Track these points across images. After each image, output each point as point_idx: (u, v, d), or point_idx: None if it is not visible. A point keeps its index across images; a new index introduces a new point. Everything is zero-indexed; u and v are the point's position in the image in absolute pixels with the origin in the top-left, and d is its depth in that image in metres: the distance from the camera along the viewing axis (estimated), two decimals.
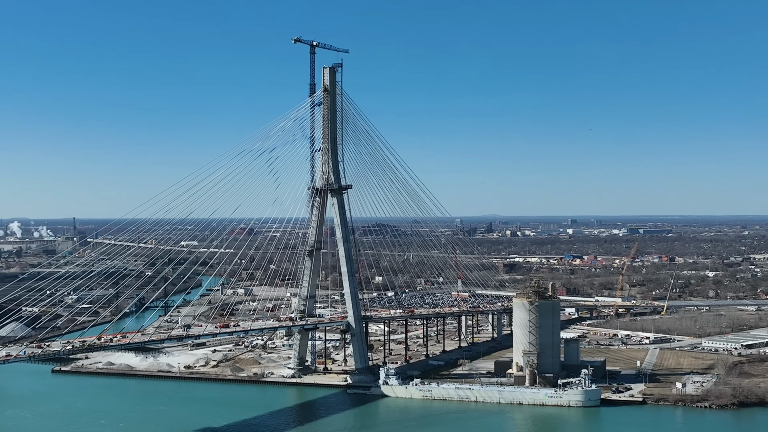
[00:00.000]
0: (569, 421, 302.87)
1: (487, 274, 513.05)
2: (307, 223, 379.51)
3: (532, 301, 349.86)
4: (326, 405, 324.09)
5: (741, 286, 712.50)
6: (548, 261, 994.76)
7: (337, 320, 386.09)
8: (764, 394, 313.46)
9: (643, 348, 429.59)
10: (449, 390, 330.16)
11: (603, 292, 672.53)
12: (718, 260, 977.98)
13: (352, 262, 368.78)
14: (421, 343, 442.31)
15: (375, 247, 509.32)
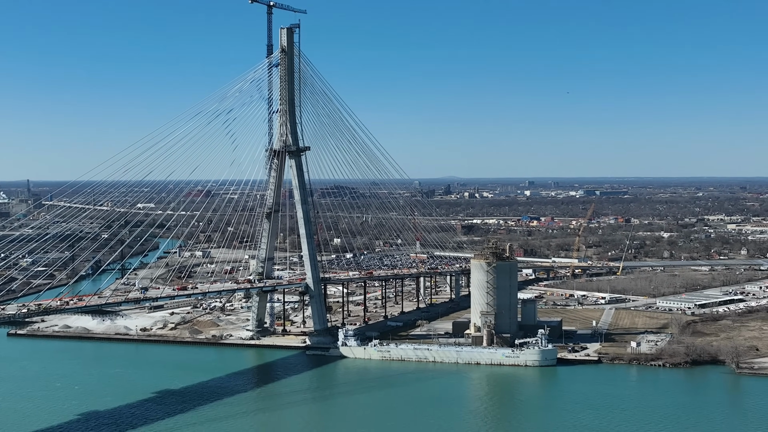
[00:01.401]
0: (526, 380, 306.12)
1: (445, 235, 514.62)
2: (265, 185, 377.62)
3: (489, 263, 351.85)
4: (285, 366, 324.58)
5: (695, 247, 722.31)
6: (506, 222, 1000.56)
7: (295, 282, 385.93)
8: (716, 352, 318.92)
9: (598, 308, 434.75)
10: (408, 351, 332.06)
11: (560, 253, 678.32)
12: (672, 221, 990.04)
13: (310, 224, 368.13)
14: (379, 304, 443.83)
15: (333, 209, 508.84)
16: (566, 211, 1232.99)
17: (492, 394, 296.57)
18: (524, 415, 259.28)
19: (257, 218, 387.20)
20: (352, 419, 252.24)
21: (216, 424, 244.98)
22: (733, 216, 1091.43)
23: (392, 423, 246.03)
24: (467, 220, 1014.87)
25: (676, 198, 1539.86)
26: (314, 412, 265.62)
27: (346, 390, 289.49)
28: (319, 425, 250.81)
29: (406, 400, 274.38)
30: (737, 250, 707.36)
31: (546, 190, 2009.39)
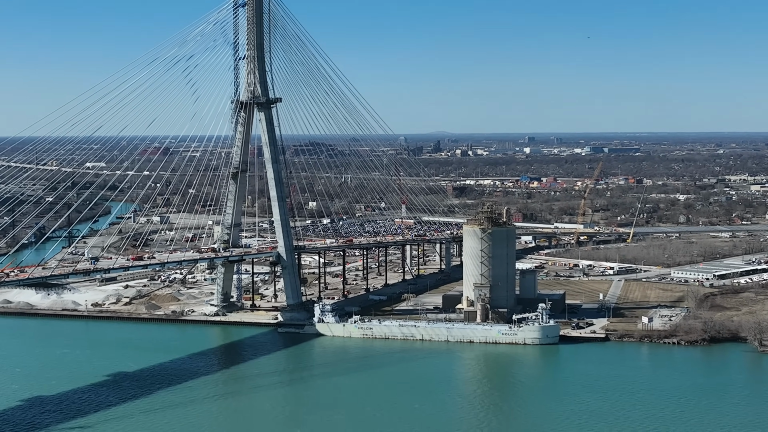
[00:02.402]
0: (525, 360, 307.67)
1: (434, 198, 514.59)
2: (230, 142, 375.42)
3: (484, 229, 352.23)
4: (254, 346, 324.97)
5: (714, 211, 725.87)
6: (503, 184, 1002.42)
7: (265, 251, 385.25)
8: (737, 328, 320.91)
9: (606, 279, 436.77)
10: (392, 328, 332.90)
11: (563, 217, 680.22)
12: (689, 182, 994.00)
13: (282, 186, 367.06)
14: (360, 276, 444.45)
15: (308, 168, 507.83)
16: (570, 170, 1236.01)
17: (486, 375, 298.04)
18: (522, 399, 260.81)
19: (222, 179, 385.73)
20: (329, 404, 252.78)
21: (176, 411, 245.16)
22: (758, 176, 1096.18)
23: (374, 408, 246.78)
24: (459, 181, 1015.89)
25: (694, 156, 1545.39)
26: (287, 396, 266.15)
27: (323, 372, 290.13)
28: (293, 411, 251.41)
29: (389, 382, 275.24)
30: (761, 214, 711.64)
31: (548, 147, 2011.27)
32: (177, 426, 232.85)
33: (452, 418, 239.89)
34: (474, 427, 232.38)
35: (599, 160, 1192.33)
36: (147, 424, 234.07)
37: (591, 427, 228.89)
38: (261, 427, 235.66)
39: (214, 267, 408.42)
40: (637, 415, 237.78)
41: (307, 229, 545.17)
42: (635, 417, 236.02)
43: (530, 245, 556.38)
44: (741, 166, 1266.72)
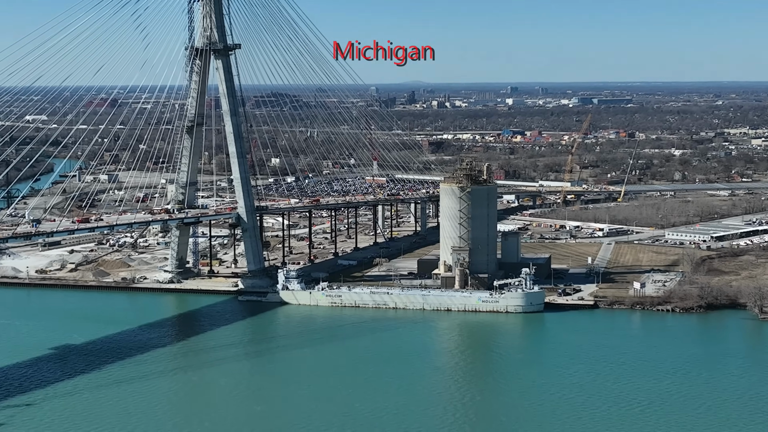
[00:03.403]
0: (507, 329, 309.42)
1: (408, 154, 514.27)
2: (185, 93, 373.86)
3: (463, 187, 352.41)
4: (212, 315, 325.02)
5: (712, 167, 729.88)
6: (483, 138, 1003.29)
7: (224, 212, 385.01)
8: (736, 294, 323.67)
9: (595, 242, 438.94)
10: (363, 295, 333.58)
11: (549, 175, 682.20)
12: (685, 136, 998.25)
13: (241, 141, 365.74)
14: (328, 239, 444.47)
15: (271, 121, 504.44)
16: (557, 123, 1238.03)
17: (465, 346, 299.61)
18: (504, 372, 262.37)
19: (176, 133, 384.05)
20: (293, 379, 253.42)
21: (127, 387, 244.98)
22: (759, 129, 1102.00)
23: (343, 383, 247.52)
24: (436, 136, 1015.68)
25: (690, 107, 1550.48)
26: (248, 370, 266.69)
27: (287, 343, 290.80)
28: (254, 386, 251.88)
29: (360, 355, 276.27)
30: (763, 170, 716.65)
31: (532, 97, 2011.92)
32: (128, 403, 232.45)
33: (428, 392, 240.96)
34: (452, 401, 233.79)
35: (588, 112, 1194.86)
36: (95, 402, 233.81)
37: (577, 400, 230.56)
38: (219, 403, 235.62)
39: (167, 230, 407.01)
40: (627, 387, 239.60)
41: (269, 189, 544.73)
42: (625, 390, 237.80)
43: (513, 205, 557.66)
44: (741, 118, 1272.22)
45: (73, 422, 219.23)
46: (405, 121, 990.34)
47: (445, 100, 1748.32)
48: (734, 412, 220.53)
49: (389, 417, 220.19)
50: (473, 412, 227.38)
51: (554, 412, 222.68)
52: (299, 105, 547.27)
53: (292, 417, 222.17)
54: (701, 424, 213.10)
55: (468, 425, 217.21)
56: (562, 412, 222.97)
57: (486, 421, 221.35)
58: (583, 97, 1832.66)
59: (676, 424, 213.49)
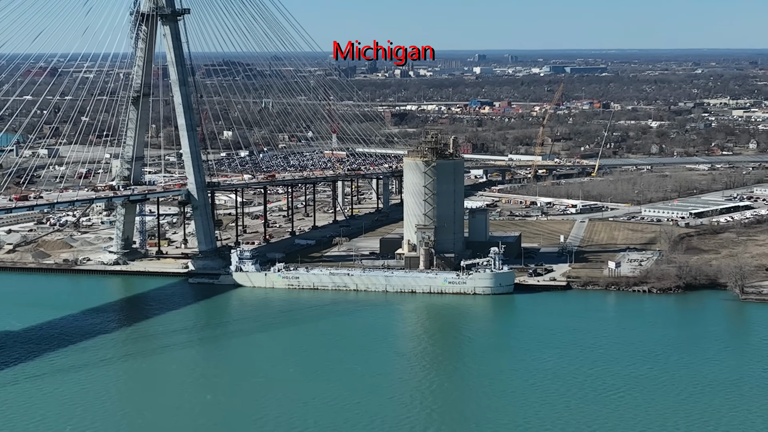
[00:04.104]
0: (474, 312, 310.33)
1: (370, 126, 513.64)
2: (130, 61, 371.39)
3: (428, 162, 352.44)
4: (160, 299, 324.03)
5: (691, 140, 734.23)
6: (449, 109, 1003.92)
7: (173, 189, 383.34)
8: (716, 274, 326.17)
9: (568, 219, 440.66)
10: (322, 276, 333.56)
11: (519, 148, 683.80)
12: (663, 107, 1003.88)
13: (191, 113, 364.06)
14: (284, 217, 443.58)
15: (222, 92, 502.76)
16: (527, 93, 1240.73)
17: (431, 330, 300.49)
18: (472, 357, 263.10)
19: (121, 105, 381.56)
20: (247, 366, 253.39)
21: (70, 375, 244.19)
22: (740, 99, 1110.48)
23: (299, 370, 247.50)
24: (399, 107, 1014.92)
25: (668, 77, 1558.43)
26: (198, 357, 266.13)
27: (241, 328, 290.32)
28: (205, 374, 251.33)
29: (318, 340, 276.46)
30: (744, 143, 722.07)
31: (501, 66, 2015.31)
32: (70, 393, 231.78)
33: (390, 379, 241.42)
34: (417, 389, 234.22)
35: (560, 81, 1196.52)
36: (35, 391, 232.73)
37: (548, 387, 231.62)
38: (167, 392, 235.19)
39: (112, 208, 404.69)
40: (602, 373, 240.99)
41: (221, 163, 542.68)
42: (599, 376, 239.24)
43: (481, 180, 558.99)
44: (721, 88, 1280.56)
45: (12, 415, 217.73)
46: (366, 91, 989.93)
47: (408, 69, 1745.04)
48: (714, 398, 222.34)
49: (350, 406, 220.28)
50: (439, 400, 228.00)
51: (525, 400, 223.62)
52: (253, 74, 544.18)
53: (245, 406, 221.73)
54: (680, 411, 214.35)
55: (434, 414, 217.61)
56: (533, 399, 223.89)
57: (453, 410, 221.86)
58: (555, 66, 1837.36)
59: (653, 410, 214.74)
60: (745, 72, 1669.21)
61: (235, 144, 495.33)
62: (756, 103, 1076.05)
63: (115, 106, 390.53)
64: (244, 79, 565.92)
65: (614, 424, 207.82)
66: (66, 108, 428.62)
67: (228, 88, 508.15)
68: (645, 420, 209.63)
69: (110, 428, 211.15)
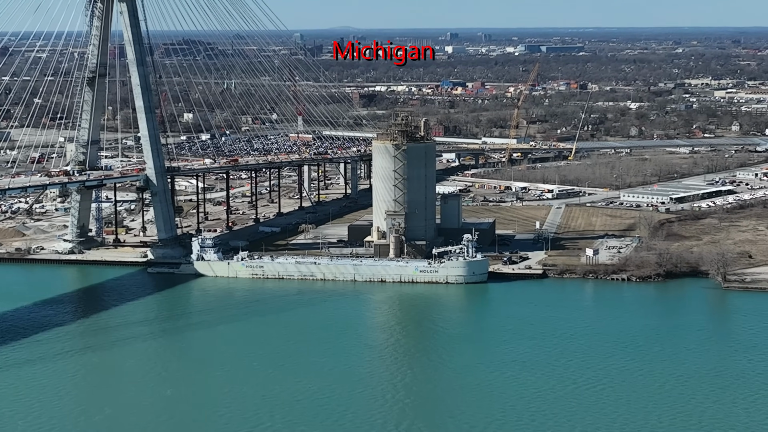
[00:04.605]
0: (447, 301, 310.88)
1: (337, 108, 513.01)
2: (85, 40, 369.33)
3: (398, 145, 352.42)
4: (118, 289, 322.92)
5: (672, 122, 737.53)
6: (420, 90, 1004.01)
7: (131, 174, 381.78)
8: (698, 261, 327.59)
9: (543, 205, 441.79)
10: (288, 266, 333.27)
11: (492, 131, 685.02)
12: (642, 87, 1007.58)
13: (150, 94, 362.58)
14: (248, 203, 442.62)
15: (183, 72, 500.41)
16: (501, 74, 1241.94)
17: (401, 321, 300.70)
18: (443, 349, 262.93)
19: (75, 86, 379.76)
20: (208, 359, 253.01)
21: (24, 370, 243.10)
22: (723, 79, 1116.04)
23: (263, 363, 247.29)
24: (367, 87, 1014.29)
25: (648, 56, 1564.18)
26: (157, 350, 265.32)
27: (203, 320, 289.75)
28: (164, 368, 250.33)
29: (283, 331, 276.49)
30: (727, 125, 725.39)
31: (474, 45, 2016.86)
32: (23, 388, 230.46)
33: (359, 373, 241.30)
34: (385, 383, 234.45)
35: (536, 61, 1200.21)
36: None
37: (522, 379, 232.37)
38: (125, 387, 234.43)
39: (67, 194, 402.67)
40: (578, 365, 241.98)
41: (182, 147, 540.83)
42: (575, 367, 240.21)
43: (453, 164, 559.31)
44: (703, 67, 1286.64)
45: None
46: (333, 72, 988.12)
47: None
48: (694, 391, 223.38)
49: (315, 401, 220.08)
50: (411, 394, 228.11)
51: (497, 393, 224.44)
52: (214, 53, 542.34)
53: (206, 402, 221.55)
54: (658, 404, 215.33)
55: (403, 409, 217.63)
56: (506, 392, 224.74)
57: (422, 404, 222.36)
58: (531, 45, 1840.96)
59: (630, 403, 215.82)
60: (727, 51, 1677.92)
61: (196, 127, 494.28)
62: (739, 84, 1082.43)
63: (70, 87, 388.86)
64: (206, 58, 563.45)
65: (593, 418, 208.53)
66: (17, 89, 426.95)
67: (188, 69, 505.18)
68: (626, 414, 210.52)
69: (68, 425, 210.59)
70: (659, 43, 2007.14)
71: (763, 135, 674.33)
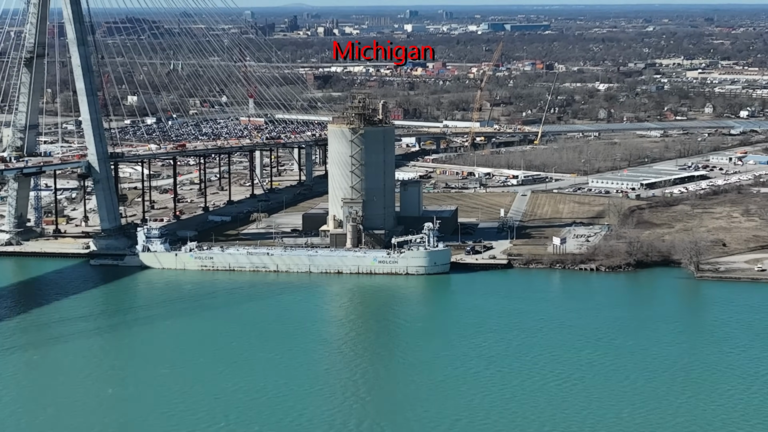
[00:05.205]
0: (407, 293, 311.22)
1: (291, 90, 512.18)
2: (21, 18, 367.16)
3: (354, 129, 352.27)
4: (59, 283, 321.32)
5: (642, 104, 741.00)
6: (378, 71, 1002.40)
7: (72, 161, 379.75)
8: (669, 250, 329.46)
9: (508, 191, 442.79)
10: (239, 257, 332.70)
11: (454, 114, 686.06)
12: (611, 68, 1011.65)
13: (92, 76, 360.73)
14: (196, 191, 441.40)
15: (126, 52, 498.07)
16: (463, 53, 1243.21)
17: (358, 314, 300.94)
18: (403, 344, 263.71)
19: (12, 67, 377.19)
20: (153, 355, 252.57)
21: None
22: (695, 59, 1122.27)
23: (213, 360, 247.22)
24: (322, 68, 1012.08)
25: (617, 35, 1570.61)
26: (100, 347, 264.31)
27: (148, 314, 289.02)
28: (107, 365, 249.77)
29: (234, 326, 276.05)
30: (700, 107, 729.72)
31: (435, 23, 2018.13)
32: None
33: (314, 369, 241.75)
34: (342, 379, 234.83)
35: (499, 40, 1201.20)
36: None
37: (485, 374, 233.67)
38: (66, 385, 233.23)
39: (3, 182, 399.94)
40: (544, 358, 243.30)
41: (126, 132, 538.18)
42: (541, 361, 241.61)
43: (413, 149, 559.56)
44: (675, 47, 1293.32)
45: None
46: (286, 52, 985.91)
47: (333, 27, 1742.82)
48: (664, 385, 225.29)
49: (268, 399, 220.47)
50: (366, 390, 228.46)
51: (459, 389, 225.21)
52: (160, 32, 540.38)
53: (152, 401, 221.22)
54: (626, 399, 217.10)
55: (360, 406, 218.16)
56: (469, 387, 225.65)
57: (381, 401, 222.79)
58: (494, 23, 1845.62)
59: (597, 398, 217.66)
60: (700, 29, 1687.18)
61: (140, 110, 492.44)
62: (712, 64, 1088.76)
63: (6, 68, 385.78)
64: (150, 38, 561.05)
65: (559, 414, 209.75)
66: None
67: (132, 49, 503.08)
68: (593, 409, 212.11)
69: (8, 425, 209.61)
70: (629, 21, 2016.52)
71: (738, 117, 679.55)
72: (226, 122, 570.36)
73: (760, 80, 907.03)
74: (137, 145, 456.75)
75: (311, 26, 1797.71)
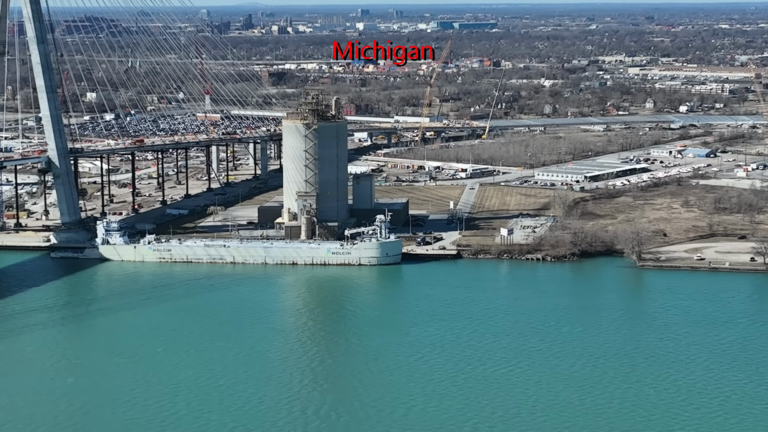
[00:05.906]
0: (359, 284, 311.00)
1: (246, 86, 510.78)
2: None
3: (308, 124, 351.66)
4: (19, 275, 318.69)
5: (586, 99, 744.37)
6: (331, 68, 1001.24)
7: (32, 156, 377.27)
8: (612, 240, 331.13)
9: (457, 184, 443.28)
10: (196, 249, 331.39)
11: (405, 109, 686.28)
12: (556, 65, 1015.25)
13: (51, 73, 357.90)
14: (154, 185, 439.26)
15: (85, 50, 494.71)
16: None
17: (313, 304, 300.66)
18: (356, 332, 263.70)
19: None
20: (112, 346, 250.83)
21: None
22: (637, 56, 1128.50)
23: (171, 349, 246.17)
24: (276, 65, 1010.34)
25: (561, 32, 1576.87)
26: (60, 337, 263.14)
27: (107, 306, 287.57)
28: (67, 356, 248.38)
29: (192, 317, 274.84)
30: (641, 102, 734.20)
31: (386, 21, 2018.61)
32: None
33: (270, 358, 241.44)
34: (297, 368, 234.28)
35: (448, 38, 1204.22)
36: None
37: (436, 362, 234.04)
38: (26, 376, 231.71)
39: None
40: (492, 346, 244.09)
41: (85, 128, 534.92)
42: (487, 348, 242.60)
43: (365, 144, 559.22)
44: (617, 44, 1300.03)
45: None
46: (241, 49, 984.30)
47: (287, 25, 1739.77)
48: (608, 370, 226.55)
49: (225, 388, 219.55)
50: (321, 378, 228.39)
51: (410, 376, 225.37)
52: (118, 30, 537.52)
53: (110, 390, 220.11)
54: (572, 384, 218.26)
55: (315, 393, 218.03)
56: (419, 375, 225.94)
57: (335, 389, 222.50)
58: (443, 21, 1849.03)
59: (544, 384, 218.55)
60: (641, 27, 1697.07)
61: (99, 107, 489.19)
62: (652, 61, 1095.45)
63: None
64: (109, 36, 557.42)
65: (503, 398, 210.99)
66: None
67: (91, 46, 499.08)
68: (535, 393, 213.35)
69: None
70: (573, 19, 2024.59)
71: (677, 112, 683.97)
72: (183, 118, 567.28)
73: (698, 76, 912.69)
74: (96, 140, 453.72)
75: (266, 24, 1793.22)
